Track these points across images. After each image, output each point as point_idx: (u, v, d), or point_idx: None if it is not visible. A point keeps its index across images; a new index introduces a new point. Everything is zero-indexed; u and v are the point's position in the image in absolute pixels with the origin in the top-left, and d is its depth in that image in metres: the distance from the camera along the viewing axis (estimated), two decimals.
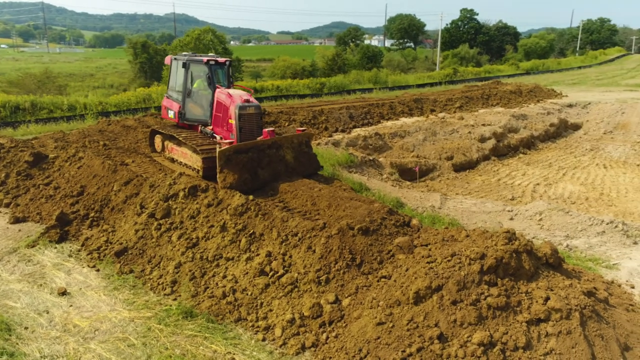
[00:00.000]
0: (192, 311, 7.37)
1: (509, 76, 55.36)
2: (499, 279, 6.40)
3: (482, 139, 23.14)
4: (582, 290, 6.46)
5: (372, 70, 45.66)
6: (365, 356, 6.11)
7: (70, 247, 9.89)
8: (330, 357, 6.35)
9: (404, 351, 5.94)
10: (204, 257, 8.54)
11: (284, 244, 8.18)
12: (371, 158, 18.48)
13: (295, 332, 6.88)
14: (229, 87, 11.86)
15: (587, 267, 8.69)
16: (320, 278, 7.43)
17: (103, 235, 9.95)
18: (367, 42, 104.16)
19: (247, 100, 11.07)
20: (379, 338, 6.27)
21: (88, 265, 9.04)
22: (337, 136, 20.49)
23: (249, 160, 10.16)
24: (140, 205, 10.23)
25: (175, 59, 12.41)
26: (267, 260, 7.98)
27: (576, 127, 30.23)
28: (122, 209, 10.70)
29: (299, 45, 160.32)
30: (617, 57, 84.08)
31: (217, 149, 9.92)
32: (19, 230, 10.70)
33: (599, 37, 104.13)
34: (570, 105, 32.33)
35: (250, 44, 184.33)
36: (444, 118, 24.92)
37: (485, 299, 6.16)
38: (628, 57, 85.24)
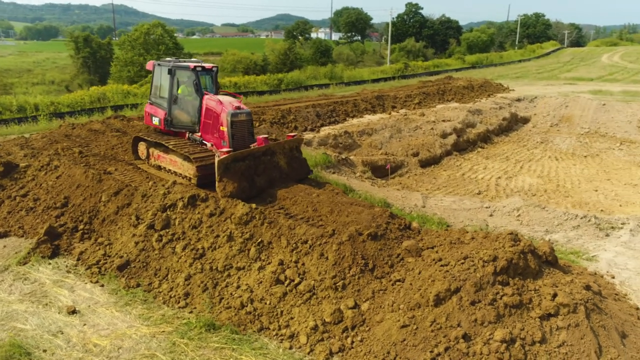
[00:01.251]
0: (214, 323, 7.47)
1: (457, 70, 57.33)
2: (510, 279, 6.93)
3: (444, 135, 24.07)
4: (582, 285, 7.11)
5: (327, 66, 46.07)
6: (395, 358, 6.48)
7: (65, 262, 9.64)
8: None
9: (432, 351, 6.36)
10: (214, 267, 8.61)
11: (294, 252, 8.39)
12: (344, 157, 18.85)
13: (320, 338, 7.15)
14: (216, 94, 11.84)
15: (570, 260, 9.46)
16: (337, 284, 7.72)
17: (99, 249, 9.77)
18: (313, 35, 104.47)
19: (239, 107, 11.11)
20: (404, 340, 6.65)
21: (91, 281, 8.88)
22: (308, 135, 20.71)
23: (247, 168, 10.25)
24: (136, 216, 10.11)
25: (159, 64, 12.20)
26: (281, 269, 8.17)
27: (525, 120, 31.95)
28: (115, 220, 10.51)
29: (245, 38, 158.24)
30: (553, 51, 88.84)
31: (217, 158, 9.94)
32: (4, 246, 10.30)
33: (535, 31, 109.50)
34: (518, 100, 34.05)
35: (194, 37, 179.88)
36: (406, 115, 25.67)
37: (501, 298, 6.68)
38: (563, 51, 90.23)
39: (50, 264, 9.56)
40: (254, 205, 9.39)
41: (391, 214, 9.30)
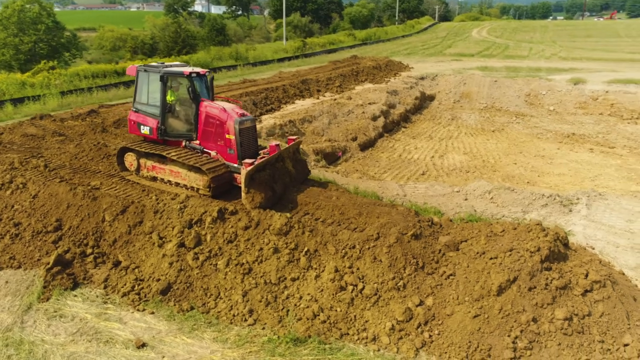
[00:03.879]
0: (297, 337, 7.78)
1: (351, 47, 59.33)
2: (551, 264, 8.21)
3: (374, 118, 25.42)
4: (598, 262, 8.64)
5: (232, 46, 45.02)
6: (478, 346, 7.44)
7: (91, 292, 9.10)
8: (446, 353, 7.53)
9: (509, 335, 7.43)
10: (267, 281, 8.80)
11: (346, 257, 8.89)
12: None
13: (399, 336, 7.85)
14: (212, 100, 11.56)
15: None
16: (398, 285, 8.43)
17: (127, 274, 9.34)
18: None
19: (243, 114, 11.05)
20: (480, 329, 7.64)
21: (137, 310, 8.56)
22: None
23: (269, 177, 10.35)
24: (158, 235, 9.78)
25: (145, 70, 11.47)
26: (339, 276, 8.64)
27: (432, 98, 34.66)
28: (130, 241, 10.03)
29: (115, 11, 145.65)
30: (430, 26, 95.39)
31: (243, 171, 9.89)
32: (6, 282, 9.37)
33: (409, 6, 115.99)
34: (422, 78, 36.64)
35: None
36: (335, 99, 26.52)
37: (551, 282, 7.92)
38: (437, 26, 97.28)
39: (76, 295, 8.96)
40: (288, 215, 9.63)
41: (416, 212, 10.15)
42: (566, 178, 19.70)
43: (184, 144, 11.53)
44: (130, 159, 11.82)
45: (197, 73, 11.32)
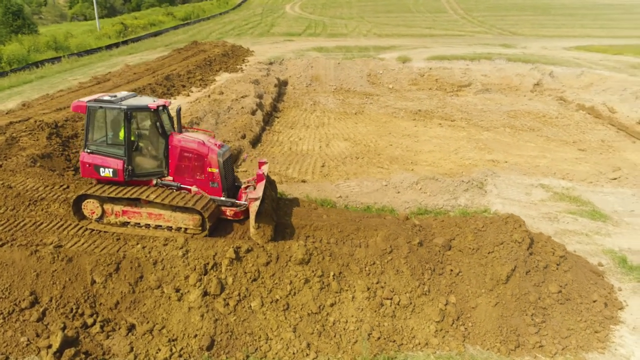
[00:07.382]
0: (367, 358, 8.44)
1: (175, 28, 56.57)
2: (532, 249, 10.26)
3: (253, 112, 25.57)
4: (551, 238, 11.04)
5: (48, 34, 39.19)
6: (507, 328, 9.11)
7: None
8: (485, 340, 9.03)
9: (526, 314, 9.26)
10: (309, 312, 9.14)
11: (371, 275, 9.71)
12: None
13: (443, 335, 9.10)
14: (180, 132, 10.81)
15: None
16: (424, 290, 9.61)
17: (154, 337, 8.67)
18: None
19: (221, 145, 10.71)
20: (502, 314, 9.32)
21: None
22: None
23: (270, 208, 10.32)
24: (174, 288, 9.21)
25: (100, 107, 10.04)
26: (372, 293, 9.45)
27: (285, 83, 35.76)
28: (137, 300, 9.20)
29: None
30: (243, 1, 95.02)
31: (251, 207, 9.70)
32: None
33: None
34: (271, 63, 37.32)
35: None
36: (209, 96, 25.79)
37: (538, 264, 9.97)
38: (250, 2, 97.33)
39: None
40: (301, 242, 9.95)
41: (405, 218, 11.33)
42: (437, 154, 22.82)
43: (154, 182, 10.67)
44: (91, 206, 10.44)
45: (163, 105, 10.50)
